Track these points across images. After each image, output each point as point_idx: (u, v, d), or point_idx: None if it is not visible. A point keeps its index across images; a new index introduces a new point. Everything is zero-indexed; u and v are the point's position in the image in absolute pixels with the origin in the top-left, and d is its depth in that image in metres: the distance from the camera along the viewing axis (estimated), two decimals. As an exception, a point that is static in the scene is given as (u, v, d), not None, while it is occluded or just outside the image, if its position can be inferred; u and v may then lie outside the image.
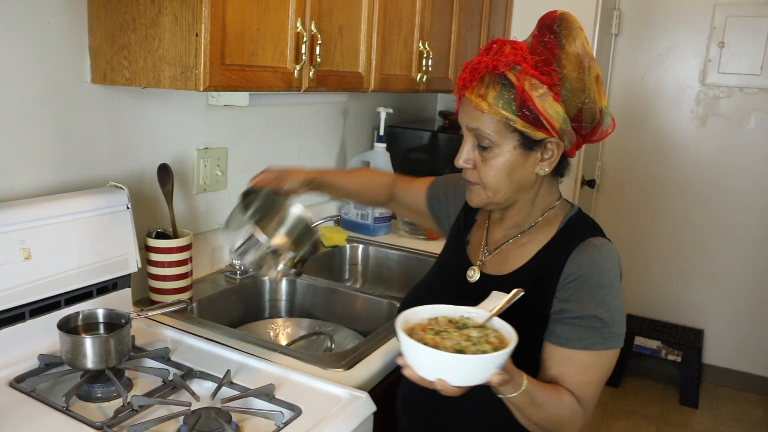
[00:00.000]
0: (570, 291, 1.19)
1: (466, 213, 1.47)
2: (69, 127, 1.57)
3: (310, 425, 1.21)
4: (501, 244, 1.34)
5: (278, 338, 1.95)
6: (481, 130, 1.19)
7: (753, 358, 3.93)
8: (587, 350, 1.17)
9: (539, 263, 1.26)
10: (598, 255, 1.21)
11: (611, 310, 1.18)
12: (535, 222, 1.31)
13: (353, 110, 2.75)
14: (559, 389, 1.17)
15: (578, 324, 1.18)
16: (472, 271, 1.34)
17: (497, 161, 1.21)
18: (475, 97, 1.18)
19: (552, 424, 1.16)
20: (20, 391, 1.27)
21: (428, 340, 1.02)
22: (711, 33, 3.71)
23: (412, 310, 1.10)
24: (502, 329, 1.08)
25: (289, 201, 1.44)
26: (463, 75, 1.21)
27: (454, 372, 0.99)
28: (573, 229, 1.28)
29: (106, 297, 1.58)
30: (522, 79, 1.14)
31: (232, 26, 1.43)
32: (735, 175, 3.80)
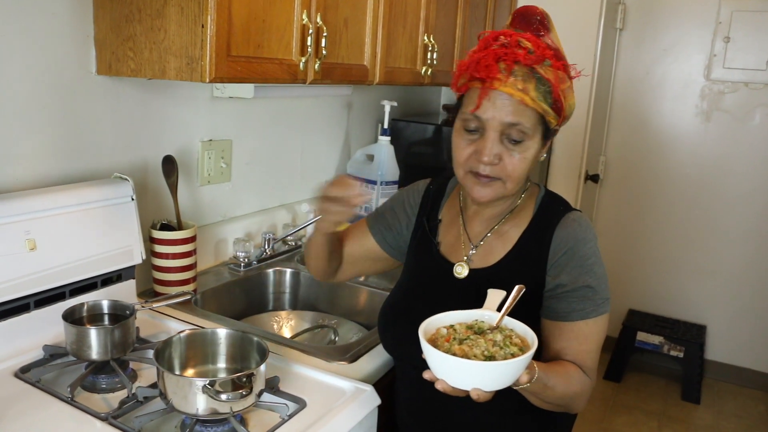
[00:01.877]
0: (560, 266, 1.24)
1: (428, 217, 1.43)
2: (74, 118, 1.56)
3: (315, 418, 1.21)
4: (484, 236, 1.34)
5: (282, 331, 1.95)
6: (522, 125, 1.18)
7: (755, 354, 3.92)
8: (584, 319, 1.22)
9: (524, 247, 1.29)
10: (579, 228, 1.26)
11: (599, 278, 1.24)
12: (513, 207, 1.33)
13: (357, 103, 2.75)
14: (565, 365, 1.21)
15: (573, 296, 1.23)
16: (460, 267, 1.32)
17: (528, 154, 1.21)
18: (516, 91, 1.15)
19: (564, 400, 1.20)
20: (25, 382, 1.28)
21: (456, 350, 1.03)
22: (716, 28, 3.69)
23: (426, 322, 1.09)
24: (518, 328, 1.09)
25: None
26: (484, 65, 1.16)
27: (488, 378, 0.99)
28: (548, 209, 1.32)
29: (110, 288, 1.58)
30: (553, 73, 1.17)
31: (238, 17, 1.42)
32: (739, 171, 3.78)
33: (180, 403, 1.12)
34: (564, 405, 1.22)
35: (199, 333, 1.30)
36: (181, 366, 1.27)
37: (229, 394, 1.11)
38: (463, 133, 1.25)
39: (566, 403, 1.21)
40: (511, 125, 1.17)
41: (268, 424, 1.19)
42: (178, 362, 1.26)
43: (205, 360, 1.30)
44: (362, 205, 1.22)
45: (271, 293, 2.08)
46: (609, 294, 1.26)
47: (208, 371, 1.29)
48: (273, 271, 2.07)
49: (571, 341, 1.23)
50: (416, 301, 1.32)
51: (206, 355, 1.30)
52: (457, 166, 1.28)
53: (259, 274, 2.04)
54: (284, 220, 2.33)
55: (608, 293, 1.25)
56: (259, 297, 2.05)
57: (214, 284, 1.89)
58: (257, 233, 2.18)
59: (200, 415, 1.13)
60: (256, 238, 2.17)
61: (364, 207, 2.56)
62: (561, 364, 1.21)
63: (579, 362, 1.22)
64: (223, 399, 1.11)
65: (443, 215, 1.43)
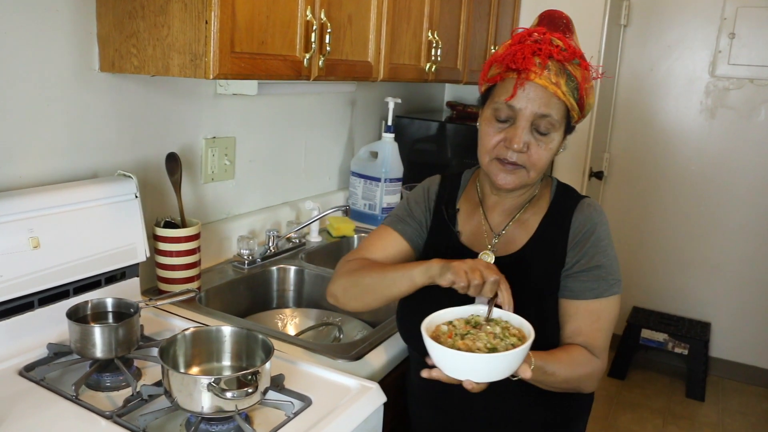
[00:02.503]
0: (578, 247, 1.33)
1: (446, 206, 1.47)
2: (77, 116, 1.56)
3: (320, 415, 1.21)
4: (506, 224, 1.41)
5: (286, 328, 1.95)
6: (552, 117, 1.26)
7: (760, 351, 3.91)
8: (598, 298, 1.31)
9: (545, 232, 1.37)
10: (595, 212, 1.37)
11: (611, 259, 1.33)
12: (532, 197, 1.41)
13: (361, 100, 2.74)
14: (569, 350, 1.29)
15: (587, 275, 1.31)
16: (487, 256, 1.37)
17: (552, 145, 1.30)
18: (550, 84, 1.23)
19: (570, 384, 1.27)
20: (30, 380, 1.27)
21: (460, 345, 1.09)
22: (721, 24, 3.68)
23: (426, 320, 1.14)
24: (512, 320, 1.16)
25: None
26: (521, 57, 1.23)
27: (494, 369, 1.05)
28: (564, 196, 1.42)
29: (114, 286, 1.57)
30: (580, 71, 1.26)
31: (242, 14, 1.41)
32: (744, 167, 3.77)
33: (185, 401, 1.12)
34: (572, 387, 1.29)
35: (204, 331, 1.29)
36: (185, 364, 1.26)
37: (234, 392, 1.11)
38: (493, 121, 1.31)
39: (573, 386, 1.29)
40: (542, 116, 1.26)
41: (273, 422, 1.18)
42: (183, 360, 1.26)
43: (209, 358, 1.29)
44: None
45: (275, 291, 2.07)
46: (620, 276, 1.34)
47: (213, 369, 1.29)
48: (277, 269, 2.07)
49: (584, 319, 1.30)
50: (438, 291, 1.27)
51: (211, 353, 1.29)
52: (483, 152, 1.34)
53: (263, 272, 2.03)
54: (288, 217, 2.33)
55: (620, 275, 1.33)
56: (263, 295, 2.05)
57: (218, 282, 1.89)
58: (261, 231, 2.17)
59: (205, 413, 1.12)
60: (260, 235, 2.16)
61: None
62: (565, 349, 1.29)
63: (590, 342, 1.29)
64: (229, 397, 1.10)
65: (461, 205, 1.48)
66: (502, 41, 3.01)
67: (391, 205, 2.56)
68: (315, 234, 2.34)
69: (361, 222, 2.56)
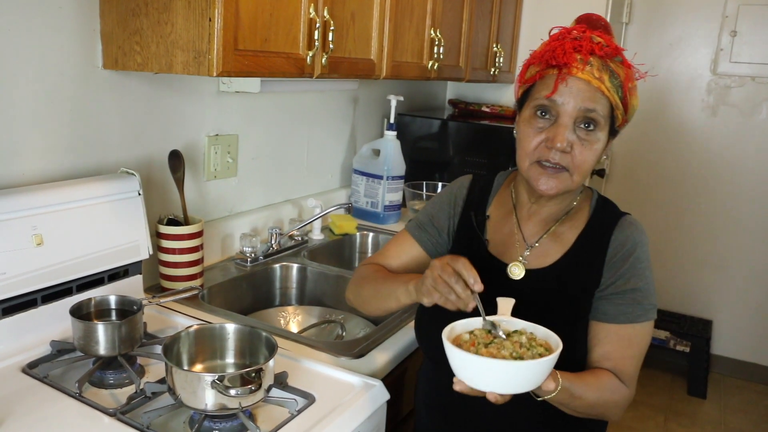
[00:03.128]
0: (616, 267, 1.24)
1: (475, 211, 1.39)
2: (80, 113, 1.56)
3: (324, 413, 1.21)
4: (540, 236, 1.31)
5: (289, 326, 1.95)
6: (597, 112, 1.18)
7: (762, 348, 3.91)
8: (632, 323, 1.21)
9: (582, 248, 1.28)
10: (636, 231, 1.27)
11: (649, 282, 1.24)
12: (569, 209, 1.31)
13: (363, 98, 2.74)
14: (599, 374, 1.20)
15: (622, 299, 1.22)
16: (516, 268, 1.29)
17: (597, 146, 1.21)
18: (593, 79, 1.16)
19: (595, 410, 1.19)
20: (33, 377, 1.27)
21: (484, 353, 1.02)
22: (723, 22, 3.67)
23: (446, 329, 1.07)
24: (538, 331, 1.09)
25: None
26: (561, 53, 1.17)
27: (521, 378, 0.98)
28: (604, 211, 1.32)
29: (117, 283, 1.57)
30: (623, 70, 1.20)
31: (246, 11, 1.41)
32: (745, 165, 3.77)
33: (189, 398, 1.12)
34: (597, 414, 1.21)
35: (208, 328, 1.29)
36: (189, 361, 1.26)
37: (238, 390, 1.11)
38: (533, 121, 1.22)
39: (599, 412, 1.21)
40: (587, 110, 1.17)
41: (276, 419, 1.18)
42: (186, 357, 1.26)
43: (213, 355, 1.29)
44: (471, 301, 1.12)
45: (277, 288, 2.07)
46: (656, 301, 1.25)
47: (217, 366, 1.29)
48: (280, 266, 2.07)
49: (615, 345, 1.22)
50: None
51: (214, 350, 1.29)
52: (524, 156, 1.24)
53: (266, 270, 2.03)
54: (290, 215, 2.33)
55: (656, 300, 1.25)
56: (266, 292, 2.05)
57: (220, 279, 1.89)
58: (264, 228, 2.18)
59: (209, 411, 1.12)
60: (262, 233, 2.16)
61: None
62: (594, 373, 1.20)
63: (620, 368, 1.21)
64: (232, 394, 1.10)
65: (491, 212, 1.39)
66: (505, 39, 3.02)
67: (394, 203, 2.56)
68: (317, 232, 2.34)
69: (364, 220, 2.56)
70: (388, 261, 1.45)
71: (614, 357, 1.21)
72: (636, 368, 1.23)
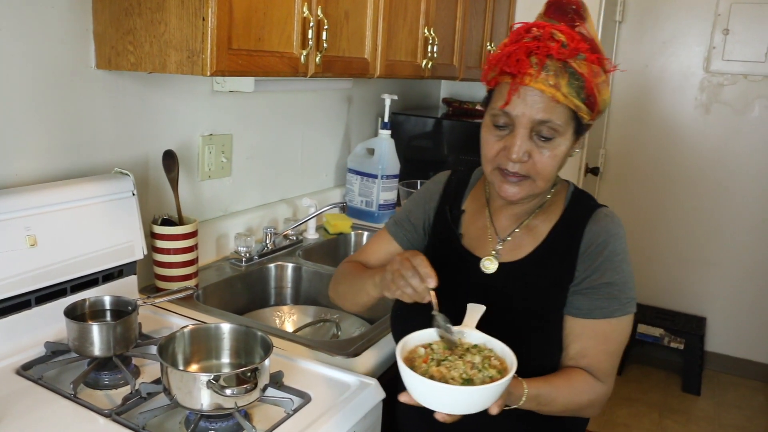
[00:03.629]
0: (590, 260, 1.22)
1: (451, 206, 1.39)
2: (73, 113, 1.55)
3: (320, 412, 1.21)
4: (512, 230, 1.30)
5: (284, 325, 1.95)
6: (552, 122, 1.13)
7: (755, 345, 3.93)
8: (608, 318, 1.20)
9: (555, 241, 1.26)
10: (612, 223, 1.24)
11: (626, 276, 1.22)
12: (543, 202, 1.30)
13: (357, 97, 2.73)
14: (571, 376, 1.19)
15: (598, 293, 1.20)
16: (489, 262, 1.28)
17: (559, 151, 1.17)
18: (548, 87, 1.11)
19: (569, 412, 1.19)
20: (27, 379, 1.27)
21: (434, 372, 1.01)
22: (715, 20, 3.68)
23: (404, 340, 1.08)
24: (497, 348, 1.07)
25: None
26: (514, 60, 1.12)
27: (463, 402, 0.97)
28: (579, 204, 1.30)
29: (111, 284, 1.57)
30: (587, 67, 1.13)
31: (239, 10, 1.41)
32: (738, 162, 3.78)
33: (184, 398, 1.12)
34: (571, 414, 1.21)
35: (203, 328, 1.29)
36: (184, 361, 1.26)
37: (233, 389, 1.11)
38: (492, 129, 1.20)
39: (573, 413, 1.21)
40: (541, 122, 1.13)
41: (273, 418, 1.18)
42: (182, 358, 1.26)
43: (208, 355, 1.29)
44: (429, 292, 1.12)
45: (272, 288, 2.07)
46: (635, 294, 1.23)
47: (212, 366, 1.29)
48: (274, 266, 2.06)
49: (592, 341, 1.20)
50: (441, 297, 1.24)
51: (210, 350, 1.29)
52: (486, 162, 1.23)
53: (261, 269, 2.03)
54: (285, 214, 2.33)
55: (634, 293, 1.23)
56: (261, 292, 2.05)
57: (215, 279, 1.88)
58: (258, 228, 2.17)
59: (205, 411, 1.12)
60: (257, 232, 2.16)
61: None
62: (565, 374, 1.19)
63: (596, 365, 1.20)
64: (228, 394, 1.10)
65: (466, 206, 1.39)
66: (499, 37, 3.02)
67: (388, 201, 2.56)
68: (312, 231, 2.34)
69: (358, 219, 2.56)
70: (366, 258, 1.46)
71: (590, 354, 1.20)
72: (612, 364, 1.22)
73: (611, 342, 1.21)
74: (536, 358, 1.20)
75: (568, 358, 1.21)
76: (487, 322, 1.12)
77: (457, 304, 1.16)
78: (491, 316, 1.14)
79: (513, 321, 1.22)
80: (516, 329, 1.19)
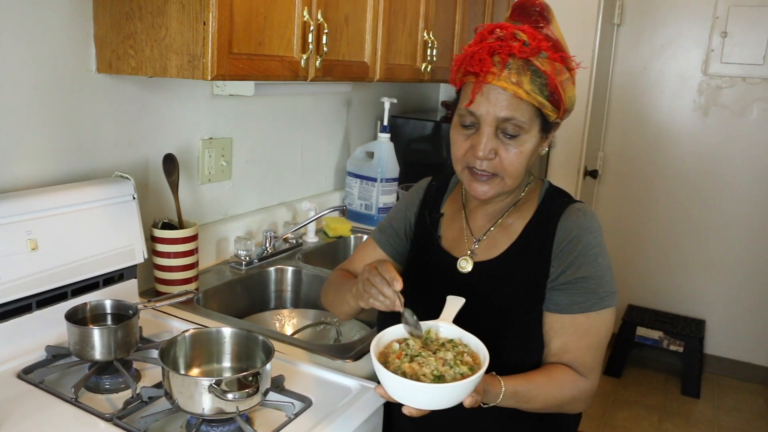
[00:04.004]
0: (564, 256, 1.22)
1: (430, 210, 1.42)
2: (74, 117, 1.55)
3: (321, 416, 1.21)
4: (488, 229, 1.32)
5: (284, 329, 1.95)
6: (516, 119, 1.16)
7: (754, 348, 3.93)
8: (586, 312, 1.20)
9: (529, 238, 1.27)
10: (584, 218, 1.25)
11: (602, 269, 1.22)
12: (517, 200, 1.32)
13: (357, 100, 2.74)
14: (552, 372, 1.20)
15: (574, 288, 1.21)
16: (465, 262, 1.30)
17: (525, 148, 1.20)
18: (510, 85, 1.14)
19: (551, 408, 1.19)
20: (28, 383, 1.27)
21: (406, 368, 1.02)
22: (713, 23, 3.69)
23: (379, 335, 1.10)
24: (471, 343, 1.09)
25: None
26: (477, 59, 1.15)
27: (433, 399, 0.99)
28: (553, 200, 1.31)
29: (112, 288, 1.57)
30: (549, 65, 1.16)
31: (240, 15, 1.41)
32: (737, 165, 3.79)
33: (186, 402, 1.12)
34: (554, 410, 1.21)
35: (204, 332, 1.29)
36: (186, 365, 1.26)
37: (235, 394, 1.11)
38: (460, 129, 1.24)
39: (556, 409, 1.21)
40: (505, 120, 1.16)
41: (274, 423, 1.18)
42: (183, 362, 1.26)
43: (210, 359, 1.29)
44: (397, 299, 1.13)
45: (272, 291, 2.07)
46: (614, 287, 1.23)
47: (214, 371, 1.29)
48: (274, 269, 2.07)
49: (572, 336, 1.21)
50: (418, 297, 1.27)
51: (211, 354, 1.29)
52: (455, 161, 1.27)
53: (261, 273, 2.03)
54: (285, 218, 2.33)
55: (613, 287, 1.23)
56: (261, 295, 2.05)
57: (215, 283, 1.88)
58: (258, 231, 2.17)
59: (206, 415, 1.12)
60: (257, 236, 2.16)
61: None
62: (546, 370, 1.20)
63: (578, 360, 1.20)
64: (230, 398, 1.10)
65: (445, 209, 1.42)
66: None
67: (388, 205, 2.56)
68: (312, 234, 2.34)
69: (358, 222, 2.56)
70: (354, 267, 1.49)
71: (572, 348, 1.21)
72: (595, 358, 1.22)
73: (592, 336, 1.21)
74: (516, 354, 1.21)
75: (551, 355, 1.22)
76: (465, 320, 1.14)
77: (436, 305, 1.17)
78: (469, 314, 1.16)
79: (490, 319, 1.23)
80: (493, 327, 1.21)
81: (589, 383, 1.21)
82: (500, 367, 1.12)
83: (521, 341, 1.23)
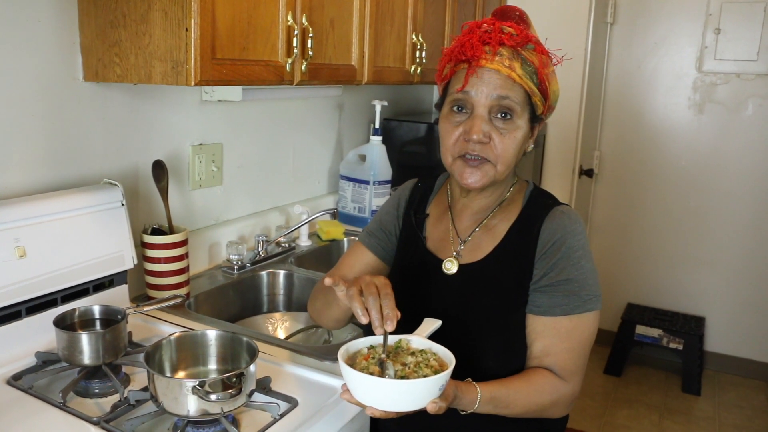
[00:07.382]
0: (547, 258, 1.22)
1: (416, 211, 1.42)
2: (62, 125, 1.57)
3: (306, 416, 1.22)
4: (473, 230, 1.32)
5: (276, 332, 1.96)
6: (511, 99, 1.18)
7: (754, 344, 3.93)
8: (569, 315, 1.20)
9: (513, 240, 1.27)
10: (568, 220, 1.25)
11: (585, 272, 1.21)
12: (501, 201, 1.32)
13: (348, 104, 2.75)
14: (531, 377, 1.19)
15: (557, 290, 1.21)
16: (450, 263, 1.30)
17: (517, 134, 1.21)
18: (503, 67, 1.17)
19: (532, 413, 1.18)
20: (18, 389, 1.28)
21: (373, 370, 1.03)
22: (707, 20, 3.70)
23: (351, 342, 1.11)
24: (440, 352, 1.09)
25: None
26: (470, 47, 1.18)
27: (390, 396, 0.99)
28: (537, 202, 1.31)
29: (102, 294, 1.58)
30: (536, 57, 1.20)
31: (222, 20, 1.42)
32: (733, 161, 3.79)
33: (171, 405, 1.12)
34: (534, 415, 1.20)
35: (189, 335, 1.30)
36: (171, 368, 1.27)
37: (219, 395, 1.12)
38: (450, 117, 1.24)
39: (536, 414, 1.20)
40: (500, 98, 1.18)
41: (259, 423, 1.19)
42: (169, 365, 1.26)
43: (195, 362, 1.30)
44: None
45: (265, 295, 2.08)
46: (599, 291, 1.23)
47: (199, 373, 1.29)
48: (266, 273, 2.07)
49: (554, 339, 1.20)
50: (402, 298, 1.25)
51: (197, 356, 1.30)
52: (446, 153, 1.26)
53: (253, 277, 2.04)
54: (277, 222, 2.34)
55: (597, 290, 1.22)
56: (253, 299, 2.06)
57: (207, 287, 1.89)
58: (250, 236, 2.18)
59: (191, 417, 1.13)
60: (249, 240, 2.17)
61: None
62: (526, 375, 1.19)
63: (559, 363, 1.20)
64: (213, 399, 1.11)
65: (431, 210, 1.42)
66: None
67: (380, 207, 2.57)
68: (304, 238, 2.35)
69: (351, 225, 2.56)
70: (343, 272, 1.45)
71: (553, 351, 1.20)
72: (577, 362, 1.22)
73: (573, 340, 1.20)
74: (500, 357, 1.22)
75: (532, 357, 1.22)
76: (450, 322, 1.14)
77: (422, 306, 1.18)
78: (453, 316, 1.17)
79: (473, 321, 1.24)
80: (477, 329, 1.22)
81: (570, 387, 1.21)
82: (484, 370, 1.12)
83: (505, 344, 1.23)
